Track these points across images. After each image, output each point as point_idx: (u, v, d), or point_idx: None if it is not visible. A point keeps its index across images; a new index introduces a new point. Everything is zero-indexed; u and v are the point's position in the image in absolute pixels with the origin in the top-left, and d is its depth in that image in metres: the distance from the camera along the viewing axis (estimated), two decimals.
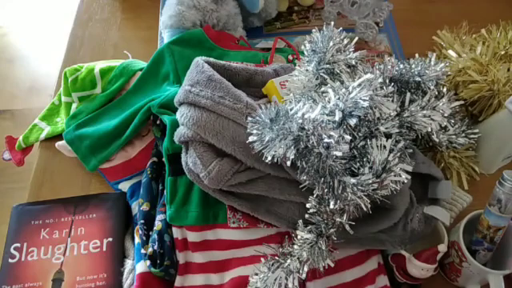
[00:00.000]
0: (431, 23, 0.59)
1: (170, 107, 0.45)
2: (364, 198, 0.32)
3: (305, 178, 0.32)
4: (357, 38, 0.39)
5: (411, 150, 0.38)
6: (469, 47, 0.51)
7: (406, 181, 0.33)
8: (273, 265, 0.34)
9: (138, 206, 0.44)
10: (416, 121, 0.37)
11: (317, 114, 0.30)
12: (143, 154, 0.48)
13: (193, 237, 0.41)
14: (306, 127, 0.30)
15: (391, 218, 0.37)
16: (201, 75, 0.39)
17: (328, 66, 0.37)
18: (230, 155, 0.37)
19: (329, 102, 0.33)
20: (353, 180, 0.31)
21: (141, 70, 0.52)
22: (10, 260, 0.42)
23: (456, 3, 0.64)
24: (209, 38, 0.52)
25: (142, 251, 0.40)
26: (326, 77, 0.37)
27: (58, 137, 0.50)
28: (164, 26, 0.53)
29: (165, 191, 0.43)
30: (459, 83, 0.48)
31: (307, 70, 0.38)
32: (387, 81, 0.39)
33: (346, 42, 0.38)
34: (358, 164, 0.33)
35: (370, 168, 0.33)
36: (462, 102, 0.45)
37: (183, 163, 0.39)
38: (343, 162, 0.32)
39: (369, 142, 0.34)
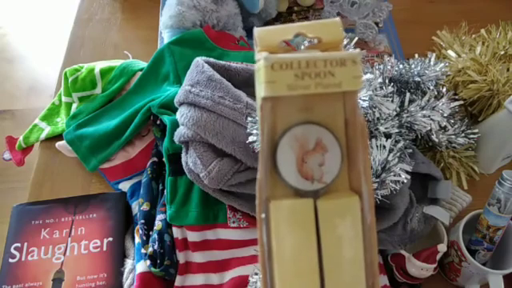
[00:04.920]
0: (431, 23, 0.59)
1: (170, 107, 0.45)
2: None
3: None
4: (356, 38, 0.39)
5: (411, 150, 0.38)
6: (468, 47, 0.51)
7: (405, 181, 0.33)
8: None
9: (138, 206, 0.44)
10: (415, 121, 0.37)
11: None
12: (143, 154, 0.48)
13: (193, 236, 0.41)
14: None
15: (391, 217, 0.37)
16: (201, 75, 0.39)
17: None
18: (230, 155, 0.37)
19: None
20: None
21: (141, 70, 0.52)
22: (11, 260, 0.42)
23: (455, 3, 0.64)
24: (209, 38, 0.52)
25: (142, 251, 0.40)
26: None
27: (59, 137, 0.50)
28: (164, 26, 0.53)
29: (165, 191, 0.43)
30: (459, 83, 0.48)
31: None
32: (387, 81, 0.39)
33: (345, 42, 0.38)
34: None
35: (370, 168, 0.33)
36: (462, 102, 0.45)
37: (183, 163, 0.39)
38: None
39: (368, 142, 0.34)
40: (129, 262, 0.41)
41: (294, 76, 0.12)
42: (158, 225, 0.41)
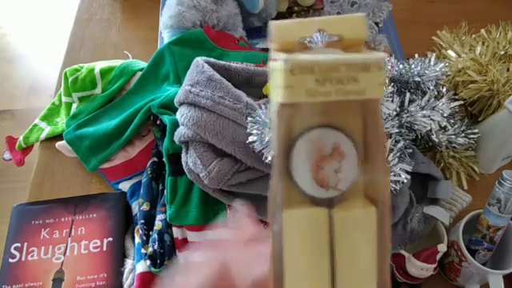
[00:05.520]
0: (431, 23, 0.59)
1: (170, 107, 0.45)
2: None
3: None
4: None
5: (411, 150, 0.38)
6: (468, 47, 0.51)
7: (405, 181, 0.33)
8: None
9: (138, 206, 0.44)
10: (416, 121, 0.37)
11: None
12: (143, 154, 0.48)
13: (193, 236, 0.41)
14: None
15: (391, 218, 0.37)
16: (201, 75, 0.39)
17: None
18: (230, 155, 0.37)
19: None
20: None
21: (141, 70, 0.52)
22: (11, 260, 0.42)
23: (455, 3, 0.64)
24: (209, 38, 0.52)
25: (143, 251, 0.40)
26: None
27: (59, 137, 0.50)
28: (164, 26, 0.53)
29: (165, 191, 0.43)
30: (459, 83, 0.48)
31: None
32: (387, 81, 0.39)
33: None
34: None
35: None
36: (462, 102, 0.45)
37: (183, 163, 0.39)
38: None
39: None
40: (129, 262, 0.41)
41: (314, 81, 0.11)
42: (158, 225, 0.41)
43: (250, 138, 0.33)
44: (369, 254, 0.12)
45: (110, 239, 0.43)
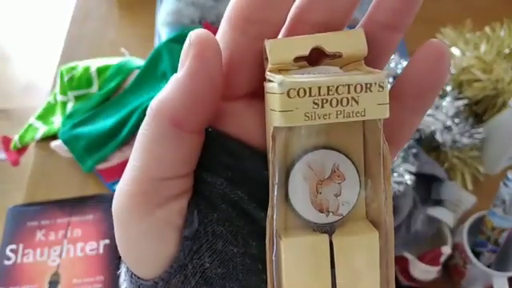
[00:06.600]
0: (435, 20, 0.58)
1: None
2: None
3: None
4: None
5: (415, 150, 0.37)
6: (473, 45, 0.50)
7: (409, 182, 0.32)
8: None
9: None
10: None
11: None
12: None
13: None
14: None
15: (394, 219, 0.37)
16: None
17: None
18: None
19: None
20: None
21: (138, 68, 0.51)
22: (6, 262, 0.41)
23: (460, 0, 0.63)
24: None
25: None
26: None
27: (54, 136, 0.49)
28: (162, 23, 0.52)
29: None
30: (463, 82, 0.47)
31: None
32: (390, 79, 0.38)
33: None
34: None
35: None
36: (466, 102, 0.44)
37: None
38: None
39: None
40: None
41: (312, 103, 0.10)
42: None
43: None
44: (372, 281, 0.11)
45: (107, 241, 0.42)
